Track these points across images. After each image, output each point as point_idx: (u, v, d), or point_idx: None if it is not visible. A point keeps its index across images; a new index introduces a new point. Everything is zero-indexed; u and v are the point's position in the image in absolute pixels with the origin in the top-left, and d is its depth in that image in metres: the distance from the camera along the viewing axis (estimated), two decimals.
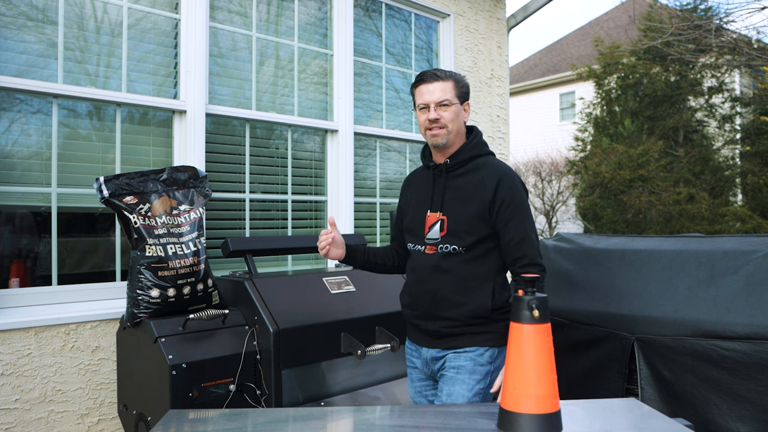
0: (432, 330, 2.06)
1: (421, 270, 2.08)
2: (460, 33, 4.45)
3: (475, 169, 2.06)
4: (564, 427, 1.34)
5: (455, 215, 2.02)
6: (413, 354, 2.21)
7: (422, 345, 2.13)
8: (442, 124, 2.02)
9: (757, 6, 10.12)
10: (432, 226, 2.05)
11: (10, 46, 2.58)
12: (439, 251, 2.03)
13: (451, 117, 2.02)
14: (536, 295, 1.36)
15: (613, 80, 12.50)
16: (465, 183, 2.05)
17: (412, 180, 2.26)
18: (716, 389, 2.08)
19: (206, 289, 2.56)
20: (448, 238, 2.02)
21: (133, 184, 2.48)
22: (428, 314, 2.06)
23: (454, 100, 2.03)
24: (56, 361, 2.58)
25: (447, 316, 2.02)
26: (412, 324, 2.17)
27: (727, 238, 2.36)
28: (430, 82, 2.03)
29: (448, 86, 2.03)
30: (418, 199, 2.14)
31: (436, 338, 2.07)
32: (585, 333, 2.53)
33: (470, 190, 2.03)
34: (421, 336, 2.12)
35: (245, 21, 3.34)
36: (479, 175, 2.04)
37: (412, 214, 2.15)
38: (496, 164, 2.08)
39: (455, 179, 2.07)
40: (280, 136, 3.50)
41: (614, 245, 2.67)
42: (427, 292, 2.06)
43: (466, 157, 2.07)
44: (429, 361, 2.11)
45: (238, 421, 1.48)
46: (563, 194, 12.97)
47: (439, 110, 2.01)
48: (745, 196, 11.66)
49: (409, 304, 2.15)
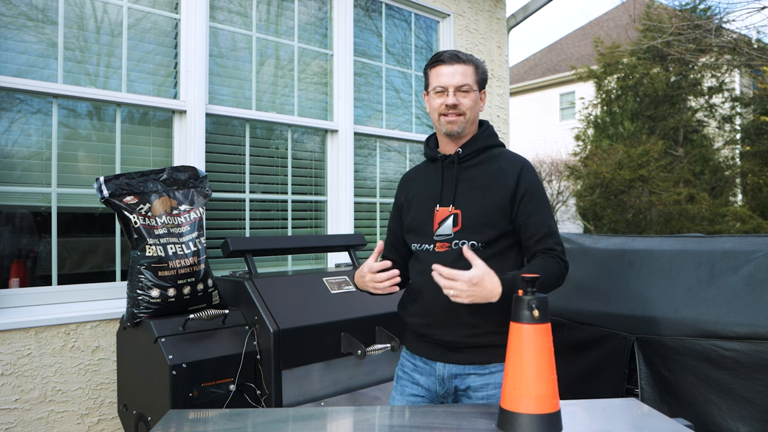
0: (450, 341, 1.81)
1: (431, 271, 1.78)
2: (460, 33, 4.45)
3: (491, 159, 1.88)
4: (564, 427, 1.34)
5: (471, 208, 1.81)
6: (417, 371, 1.91)
7: (435, 360, 1.86)
8: (461, 110, 1.83)
9: (757, 6, 10.11)
10: (443, 221, 1.84)
11: (10, 46, 2.58)
12: (454, 248, 1.80)
13: (469, 104, 1.84)
14: (536, 295, 1.36)
15: (613, 80, 12.50)
16: (480, 173, 1.86)
17: (413, 175, 2.04)
18: (716, 389, 2.08)
19: (206, 289, 2.56)
20: (463, 234, 1.80)
21: (133, 184, 2.48)
22: (444, 322, 1.80)
23: (474, 86, 1.85)
24: (56, 361, 2.58)
25: (468, 322, 1.77)
26: (419, 335, 1.90)
27: (727, 238, 2.36)
28: (450, 63, 1.84)
29: (468, 70, 1.85)
30: (423, 194, 1.92)
31: (453, 351, 1.82)
32: (585, 333, 2.53)
33: (488, 180, 1.84)
34: (434, 349, 1.86)
35: (245, 21, 3.34)
36: (496, 165, 1.86)
37: (416, 210, 1.92)
38: (514, 154, 1.91)
39: (468, 170, 1.87)
40: (280, 136, 3.50)
41: (614, 245, 2.67)
42: (440, 296, 1.72)
43: (481, 146, 1.89)
44: (446, 379, 1.84)
45: (238, 421, 1.47)
46: (563, 194, 12.97)
47: (458, 95, 1.83)
48: (745, 196, 11.66)
49: (416, 312, 1.88)
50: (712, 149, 11.77)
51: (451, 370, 1.83)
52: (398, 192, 2.06)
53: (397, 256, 2.02)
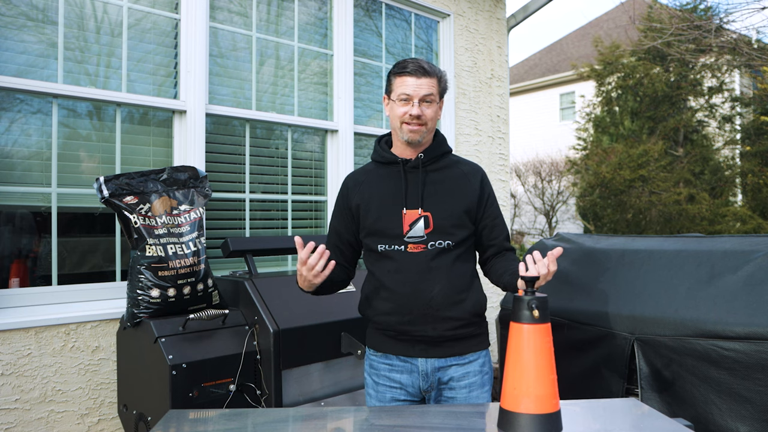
0: (433, 336, 1.89)
1: (407, 270, 1.90)
2: (460, 33, 4.45)
3: (450, 164, 2.01)
4: (564, 427, 1.34)
5: (441, 210, 1.92)
6: (396, 370, 1.95)
7: (416, 356, 1.92)
8: (424, 121, 1.91)
9: (757, 6, 10.12)
10: (413, 223, 1.91)
11: (10, 46, 2.58)
12: (430, 248, 1.90)
13: (431, 115, 1.93)
14: (536, 295, 1.36)
15: (613, 80, 12.51)
16: (445, 177, 1.97)
17: (362, 178, 2.04)
18: (716, 389, 2.08)
19: (206, 289, 2.56)
20: (436, 235, 1.90)
21: (133, 184, 2.48)
22: (425, 318, 1.88)
23: (436, 97, 1.94)
24: (56, 361, 2.58)
25: (449, 315, 1.89)
26: (396, 333, 1.93)
27: (727, 238, 2.36)
28: (417, 76, 1.90)
29: (433, 82, 1.93)
30: (383, 197, 1.96)
31: (434, 345, 1.91)
32: (585, 333, 2.53)
33: (454, 185, 1.96)
34: (414, 345, 1.92)
35: (245, 21, 3.34)
36: (458, 170, 1.99)
37: (378, 213, 1.95)
38: (469, 161, 2.07)
39: (432, 174, 1.97)
40: (280, 136, 3.50)
41: (614, 245, 2.67)
42: (420, 294, 1.88)
43: (440, 152, 2.00)
44: (429, 373, 1.92)
45: (238, 421, 1.48)
46: (563, 194, 12.97)
47: (422, 106, 1.90)
48: (745, 196, 11.66)
49: (393, 310, 1.92)
50: (712, 149, 11.77)
51: (434, 364, 1.92)
52: (347, 194, 2.04)
53: (341, 256, 2.06)
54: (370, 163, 2.08)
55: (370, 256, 2.00)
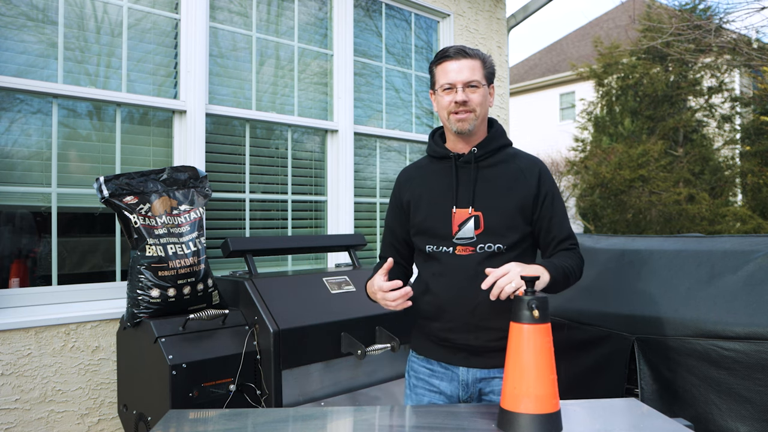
0: (476, 345, 1.76)
1: (453, 274, 1.76)
2: (460, 33, 4.45)
3: (507, 159, 1.83)
4: (564, 427, 1.34)
5: (494, 210, 1.76)
6: (436, 376, 1.85)
7: (457, 364, 1.80)
8: (471, 107, 1.77)
9: (756, 6, 10.12)
10: (463, 224, 1.77)
11: (10, 46, 2.58)
12: (479, 251, 1.75)
13: (479, 100, 1.78)
14: (536, 295, 1.36)
15: (613, 80, 12.50)
16: (499, 174, 1.81)
17: (415, 173, 1.94)
18: (716, 389, 2.08)
19: (206, 289, 2.56)
20: (486, 237, 1.75)
21: (133, 184, 2.48)
22: (469, 326, 1.75)
23: (482, 81, 1.79)
24: (56, 361, 2.58)
25: (494, 326, 1.73)
26: (438, 339, 1.82)
27: (727, 238, 2.36)
28: (457, 59, 1.77)
29: (476, 65, 1.78)
30: (433, 195, 1.84)
31: (476, 355, 1.78)
32: (585, 333, 2.53)
33: (508, 182, 1.79)
34: (455, 353, 1.80)
35: (245, 21, 3.34)
36: (514, 166, 1.82)
37: (427, 211, 1.83)
38: (528, 155, 1.89)
39: (485, 170, 1.81)
40: (280, 136, 3.50)
41: (614, 245, 2.67)
42: (465, 300, 1.73)
43: (496, 146, 1.83)
44: (470, 383, 1.80)
45: (238, 421, 1.48)
46: (563, 194, 12.97)
47: (467, 92, 1.76)
48: (745, 196, 11.66)
49: (436, 315, 1.80)
50: (712, 149, 11.76)
51: (476, 374, 1.79)
52: (399, 190, 1.97)
53: (397, 255, 1.97)
54: (424, 158, 1.97)
55: (419, 256, 1.91)
